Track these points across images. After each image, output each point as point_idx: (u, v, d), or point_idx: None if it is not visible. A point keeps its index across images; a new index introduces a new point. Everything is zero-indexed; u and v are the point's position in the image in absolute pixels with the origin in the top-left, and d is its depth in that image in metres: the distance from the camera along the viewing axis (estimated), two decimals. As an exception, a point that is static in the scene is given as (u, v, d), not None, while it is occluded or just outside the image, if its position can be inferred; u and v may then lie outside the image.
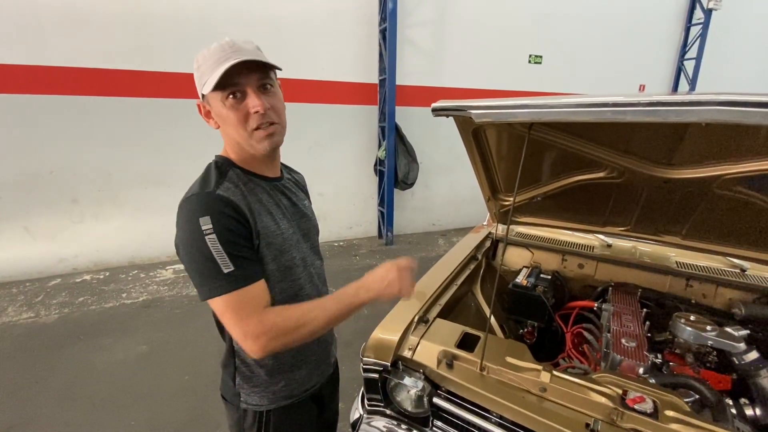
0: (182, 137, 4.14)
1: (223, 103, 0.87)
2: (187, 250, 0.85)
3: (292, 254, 1.00)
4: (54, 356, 2.77)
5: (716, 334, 1.29)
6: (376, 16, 4.65)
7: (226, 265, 0.83)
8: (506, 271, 2.03)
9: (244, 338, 0.85)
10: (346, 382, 1.47)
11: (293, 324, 0.87)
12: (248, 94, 0.88)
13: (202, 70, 0.87)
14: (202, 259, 0.83)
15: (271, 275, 0.95)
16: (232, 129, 0.90)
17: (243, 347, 0.87)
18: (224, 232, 0.84)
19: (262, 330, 0.84)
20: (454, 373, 1.15)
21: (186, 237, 0.85)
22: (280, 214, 0.99)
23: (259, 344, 0.84)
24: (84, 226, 4.08)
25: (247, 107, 0.87)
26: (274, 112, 0.91)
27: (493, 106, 1.08)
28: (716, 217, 1.46)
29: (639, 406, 0.97)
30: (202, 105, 0.94)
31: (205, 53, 0.88)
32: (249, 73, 0.87)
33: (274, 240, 0.95)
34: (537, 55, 5.65)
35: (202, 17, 3.95)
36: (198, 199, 0.87)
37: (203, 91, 0.88)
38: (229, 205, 0.87)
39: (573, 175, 1.56)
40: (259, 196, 0.96)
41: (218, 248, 0.83)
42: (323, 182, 4.93)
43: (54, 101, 3.69)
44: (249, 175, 0.97)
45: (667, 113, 0.86)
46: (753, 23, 6.85)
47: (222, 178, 0.92)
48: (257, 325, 0.84)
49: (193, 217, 0.84)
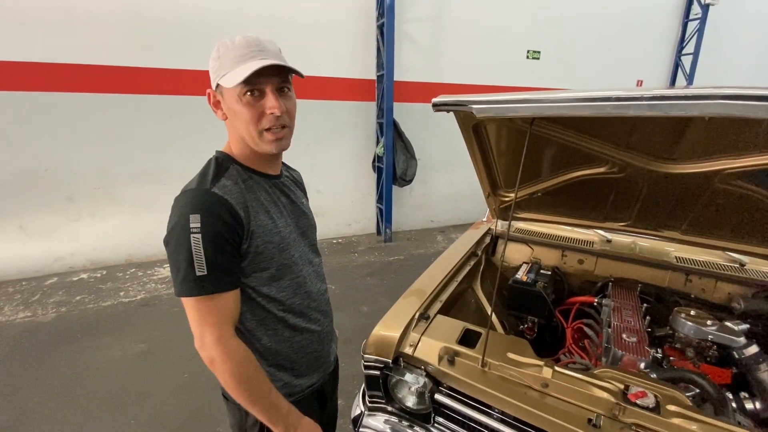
0: (179, 134, 4.11)
1: (240, 99, 0.87)
2: (172, 242, 0.85)
3: (291, 252, 1.00)
4: (51, 355, 2.75)
5: (716, 328, 1.29)
6: (374, 12, 4.62)
7: (201, 268, 0.83)
8: (506, 267, 2.03)
9: (201, 345, 0.87)
10: (346, 379, 1.47)
11: (241, 373, 0.89)
12: (267, 94, 0.87)
13: (222, 61, 0.86)
14: (182, 257, 0.83)
15: (269, 273, 0.95)
16: (242, 125, 0.89)
17: (197, 348, 0.88)
18: (210, 234, 0.83)
19: (216, 349, 0.86)
20: (455, 370, 1.14)
21: (173, 230, 0.85)
22: (278, 212, 0.99)
23: (204, 354, 0.87)
24: (80, 224, 4.05)
25: (264, 107, 0.87)
26: (288, 115, 0.92)
27: (494, 101, 1.07)
28: (716, 211, 1.46)
29: (641, 401, 0.97)
30: (213, 94, 0.93)
31: (228, 44, 0.87)
32: (271, 75, 0.87)
33: (271, 238, 0.94)
34: (535, 51, 5.64)
35: (198, 12, 3.91)
36: (192, 195, 0.87)
37: (222, 82, 0.87)
38: (223, 204, 0.86)
39: (574, 170, 1.55)
40: (258, 194, 0.95)
41: (199, 249, 0.83)
42: (321, 179, 4.91)
43: (48, 98, 3.65)
44: (249, 172, 0.96)
45: (669, 107, 0.86)
46: (750, 18, 6.85)
47: (221, 174, 0.91)
48: (215, 341, 0.86)
49: (184, 212, 0.84)
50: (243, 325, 0.97)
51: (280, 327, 1.01)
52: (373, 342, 1.26)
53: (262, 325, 0.99)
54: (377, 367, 1.24)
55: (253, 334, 0.99)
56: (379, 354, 1.23)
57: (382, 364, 1.23)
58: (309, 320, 1.07)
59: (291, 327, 1.03)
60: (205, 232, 0.83)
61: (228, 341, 0.88)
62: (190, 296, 0.85)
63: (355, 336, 2.91)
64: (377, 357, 1.23)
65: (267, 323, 1.00)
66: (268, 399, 0.94)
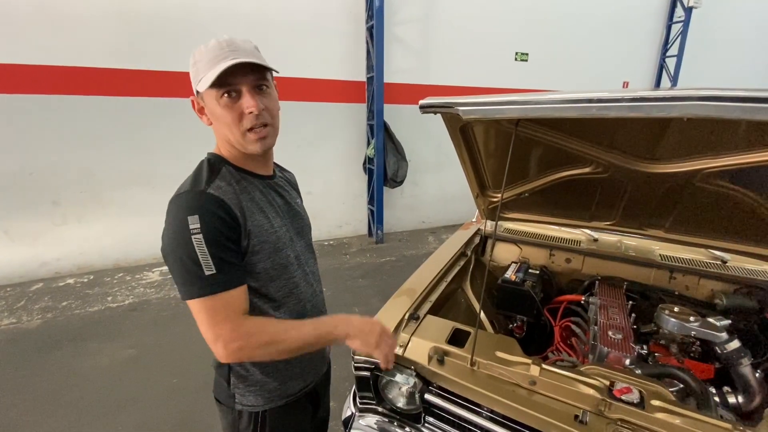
0: (167, 136, 4.07)
1: (218, 102, 0.87)
2: (172, 247, 0.84)
3: (287, 252, 0.99)
4: (37, 362, 2.70)
5: (699, 324, 1.32)
6: (363, 14, 4.63)
7: (209, 268, 0.82)
8: (495, 266, 2.04)
9: (215, 342, 0.85)
10: (337, 381, 1.46)
11: (266, 339, 0.87)
12: (243, 94, 0.87)
13: (198, 67, 0.86)
14: (186, 259, 0.82)
15: (265, 274, 0.95)
16: (225, 128, 0.89)
17: (212, 350, 0.87)
18: (211, 233, 0.83)
19: (234, 337, 0.84)
20: (445, 369, 1.15)
21: (172, 235, 0.84)
22: (273, 212, 0.99)
23: (229, 350, 0.85)
24: (66, 228, 3.98)
25: (242, 107, 0.87)
26: (268, 113, 0.91)
27: (480, 102, 1.09)
28: (698, 210, 1.49)
29: (626, 397, 0.99)
30: (196, 101, 0.93)
31: (202, 49, 0.86)
32: (245, 74, 0.86)
33: (267, 238, 0.94)
34: (523, 53, 5.70)
35: (187, 14, 3.88)
36: (188, 197, 0.86)
37: (198, 87, 0.87)
38: (219, 204, 0.86)
39: (559, 170, 1.57)
40: (252, 195, 0.95)
41: (203, 249, 0.82)
42: (312, 181, 4.90)
43: (33, 100, 3.58)
44: (242, 173, 0.96)
45: (650, 108, 0.88)
46: (732, 21, 7.02)
47: (214, 175, 0.91)
48: (231, 332, 0.84)
49: (182, 215, 0.83)
50: None
51: None
52: (363, 343, 1.26)
53: None
54: (367, 368, 1.25)
55: None
56: (369, 355, 1.23)
57: (373, 365, 1.23)
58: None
59: None
60: (206, 232, 0.82)
61: (241, 326, 0.86)
62: (200, 297, 0.83)
63: (346, 338, 2.91)
64: (368, 358, 1.23)
65: None
66: (308, 329, 0.92)
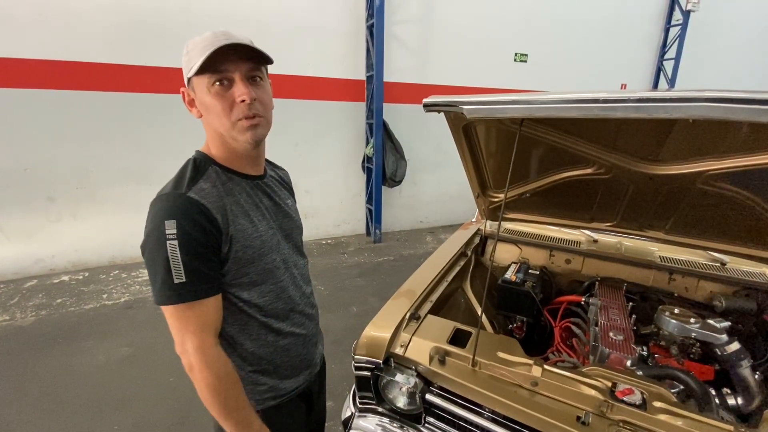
0: (163, 133, 4.03)
1: (209, 90, 0.84)
2: (148, 249, 0.83)
3: (272, 257, 0.97)
4: (32, 360, 2.67)
5: (699, 326, 1.32)
6: (363, 12, 4.61)
7: (179, 276, 0.81)
8: (495, 267, 2.04)
9: (182, 351, 0.86)
10: (336, 381, 1.45)
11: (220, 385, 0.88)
12: (236, 82, 0.84)
13: (190, 56, 0.83)
14: (158, 264, 0.81)
15: (249, 279, 0.93)
16: (215, 118, 0.86)
17: (178, 353, 0.87)
18: (186, 240, 0.81)
19: (197, 358, 0.85)
20: (446, 369, 1.15)
21: (149, 237, 0.82)
22: (259, 215, 0.96)
23: (188, 364, 0.87)
24: (61, 225, 3.94)
25: (233, 96, 0.84)
26: (261, 104, 0.88)
27: (485, 101, 1.08)
28: (698, 212, 1.49)
29: (628, 398, 0.99)
30: (186, 92, 0.90)
31: (196, 39, 0.84)
32: (239, 61, 0.84)
33: (251, 243, 0.92)
34: (522, 54, 5.71)
35: (184, 10, 3.84)
36: (167, 200, 0.83)
37: (189, 74, 0.84)
38: (199, 209, 0.83)
39: (561, 171, 1.57)
40: (237, 197, 0.92)
41: (176, 256, 0.80)
42: (310, 179, 4.88)
43: (28, 95, 3.54)
44: (229, 173, 0.93)
45: (655, 109, 0.87)
46: (730, 24, 7.06)
47: (198, 176, 0.88)
48: (195, 350, 0.85)
49: (159, 218, 0.81)
50: (225, 330, 0.94)
51: (263, 332, 0.99)
52: (364, 343, 1.25)
53: (245, 330, 0.97)
54: (368, 367, 1.24)
55: (235, 340, 0.96)
56: (369, 355, 1.23)
57: (373, 364, 1.22)
58: (293, 324, 1.05)
59: (274, 331, 1.00)
60: (182, 238, 0.80)
61: (208, 350, 0.86)
62: (169, 304, 0.83)
63: (344, 337, 2.89)
64: (368, 358, 1.22)
65: (249, 329, 0.97)
66: (242, 414, 0.92)
